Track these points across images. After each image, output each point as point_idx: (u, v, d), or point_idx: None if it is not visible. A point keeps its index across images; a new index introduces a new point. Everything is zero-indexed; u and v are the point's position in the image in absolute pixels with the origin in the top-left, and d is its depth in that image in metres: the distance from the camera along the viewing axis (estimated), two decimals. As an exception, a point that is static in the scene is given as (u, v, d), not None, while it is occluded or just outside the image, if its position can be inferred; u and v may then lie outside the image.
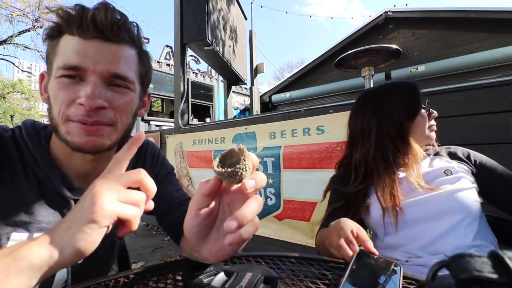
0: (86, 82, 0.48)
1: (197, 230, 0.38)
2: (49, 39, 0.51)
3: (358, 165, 0.83)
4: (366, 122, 0.83)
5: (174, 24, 3.15)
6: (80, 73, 0.47)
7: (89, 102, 0.46)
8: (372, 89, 0.87)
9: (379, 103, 0.82)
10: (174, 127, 3.08)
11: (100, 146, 0.50)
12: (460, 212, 0.69)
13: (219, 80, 9.31)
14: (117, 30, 0.49)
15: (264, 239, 2.10)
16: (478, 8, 5.59)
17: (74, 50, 0.47)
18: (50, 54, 0.50)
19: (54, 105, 0.49)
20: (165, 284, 0.44)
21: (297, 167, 1.93)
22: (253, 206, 0.32)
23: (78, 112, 0.47)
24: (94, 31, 0.47)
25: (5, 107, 14.79)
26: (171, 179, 0.73)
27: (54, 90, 0.48)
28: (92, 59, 0.47)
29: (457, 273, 0.19)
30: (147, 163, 0.70)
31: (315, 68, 7.82)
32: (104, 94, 0.48)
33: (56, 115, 0.48)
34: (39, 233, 0.52)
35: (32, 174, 0.52)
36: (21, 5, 11.35)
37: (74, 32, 0.47)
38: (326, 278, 0.43)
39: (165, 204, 0.68)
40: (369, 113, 0.83)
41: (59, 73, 0.47)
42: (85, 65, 0.47)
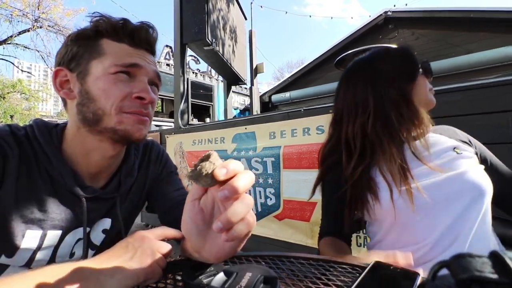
0: (138, 81, 0.56)
1: (194, 225, 0.38)
2: (85, 39, 0.56)
3: (352, 139, 0.71)
4: (359, 93, 0.72)
5: (174, 24, 3.15)
6: (135, 70, 0.56)
7: (147, 95, 0.56)
8: (361, 59, 0.78)
9: (373, 69, 0.72)
10: (174, 127, 3.08)
11: (144, 135, 0.59)
12: (473, 193, 0.61)
13: (219, 80, 9.32)
14: (155, 45, 0.62)
15: (264, 239, 2.10)
16: (478, 8, 5.59)
17: (127, 53, 0.56)
18: (84, 53, 0.55)
19: (102, 99, 0.54)
20: (165, 284, 0.44)
21: (297, 167, 1.93)
22: (238, 207, 0.32)
23: (134, 104, 0.55)
24: (146, 44, 0.59)
25: (5, 107, 14.79)
26: (174, 178, 0.75)
27: (107, 84, 0.54)
28: (144, 61, 0.57)
29: (457, 273, 0.19)
30: (151, 162, 0.73)
31: (315, 68, 7.83)
32: (151, 91, 0.58)
33: (108, 107, 0.53)
34: (52, 230, 0.54)
35: (45, 172, 0.54)
36: (21, 5, 11.35)
37: (124, 41, 0.56)
38: (326, 278, 0.43)
39: (167, 202, 0.69)
40: (362, 83, 0.72)
41: (114, 69, 0.54)
42: (141, 63, 0.56)
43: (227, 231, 0.31)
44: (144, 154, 0.72)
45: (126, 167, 0.65)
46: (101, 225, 0.63)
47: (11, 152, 0.51)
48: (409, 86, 0.69)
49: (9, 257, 0.51)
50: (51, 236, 0.54)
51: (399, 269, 0.41)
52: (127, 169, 0.66)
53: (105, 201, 0.62)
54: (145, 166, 0.71)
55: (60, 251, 0.56)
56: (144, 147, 0.73)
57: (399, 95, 0.68)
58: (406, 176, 0.61)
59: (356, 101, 0.72)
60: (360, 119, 0.70)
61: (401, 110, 0.67)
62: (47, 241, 0.54)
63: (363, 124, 0.70)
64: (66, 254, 0.57)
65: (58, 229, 0.55)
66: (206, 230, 0.39)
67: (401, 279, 0.39)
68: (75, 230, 0.58)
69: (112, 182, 0.63)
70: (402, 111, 0.67)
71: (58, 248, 0.56)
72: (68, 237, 0.57)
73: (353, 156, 0.70)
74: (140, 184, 0.70)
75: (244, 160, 2.23)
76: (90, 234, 0.61)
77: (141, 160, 0.71)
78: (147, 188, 0.71)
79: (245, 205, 0.33)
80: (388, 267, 0.42)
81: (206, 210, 0.38)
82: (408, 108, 0.67)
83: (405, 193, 0.61)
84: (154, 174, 0.73)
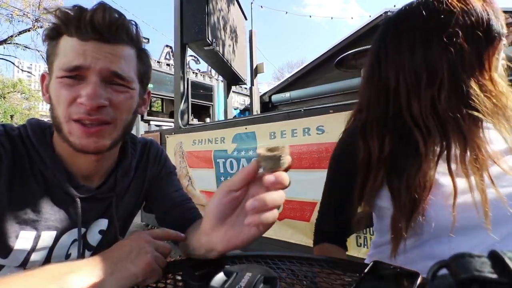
0: (87, 82, 0.49)
1: (221, 210, 0.40)
2: (48, 39, 0.52)
3: (419, 118, 0.52)
4: (422, 57, 0.52)
5: (174, 24, 3.15)
6: (81, 72, 0.48)
7: (90, 101, 0.47)
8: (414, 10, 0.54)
9: (439, 25, 0.51)
10: (174, 127, 3.08)
11: (102, 147, 0.52)
12: None
13: (219, 80, 9.32)
14: (115, 30, 0.50)
15: (264, 239, 2.10)
16: (478, 8, 5.59)
17: (74, 51, 0.48)
18: (50, 55, 0.52)
19: (56, 105, 0.50)
20: (165, 284, 0.44)
21: (297, 167, 1.93)
22: (274, 195, 0.35)
23: (79, 110, 0.48)
24: (93, 32, 0.48)
25: (5, 107, 14.79)
26: (173, 179, 0.74)
27: (55, 90, 0.50)
28: (92, 58, 0.48)
29: (457, 273, 0.19)
30: (150, 162, 0.71)
31: (315, 68, 7.82)
32: (104, 93, 0.49)
33: (60, 115, 0.50)
34: (46, 231, 0.53)
35: (39, 172, 0.53)
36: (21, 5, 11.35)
37: (72, 34, 0.48)
38: (326, 278, 0.43)
39: (165, 203, 0.69)
40: (424, 42, 0.52)
41: (60, 73, 0.49)
42: (85, 64, 0.48)
43: (256, 213, 0.35)
44: (142, 154, 0.71)
45: (123, 167, 0.64)
46: (98, 226, 0.62)
47: (4, 152, 0.49)
48: (491, 49, 0.51)
49: (3, 257, 0.51)
50: (45, 237, 0.53)
51: (399, 269, 0.41)
52: (124, 169, 0.64)
53: (100, 201, 0.61)
54: (143, 165, 0.70)
55: (56, 252, 0.56)
56: (142, 146, 0.72)
57: (479, 63, 0.50)
58: (482, 177, 0.46)
59: (418, 67, 0.52)
60: (428, 92, 0.51)
61: (481, 83, 0.50)
62: (41, 242, 0.53)
63: (433, 98, 0.51)
64: (62, 255, 0.57)
65: (52, 229, 0.54)
66: (228, 217, 0.41)
67: (401, 279, 0.39)
68: (71, 231, 0.57)
69: (108, 182, 0.62)
70: (481, 84, 0.50)
71: (54, 249, 0.55)
72: (63, 238, 0.56)
73: (425, 140, 0.51)
74: (138, 184, 0.68)
75: (244, 160, 2.23)
76: (86, 235, 0.60)
77: (138, 160, 0.69)
78: (145, 188, 0.70)
79: (280, 197, 0.36)
80: (388, 267, 0.42)
81: (237, 202, 0.41)
82: (489, 81, 0.50)
83: (479, 200, 0.45)
84: (153, 174, 0.71)
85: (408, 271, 0.40)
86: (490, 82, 0.50)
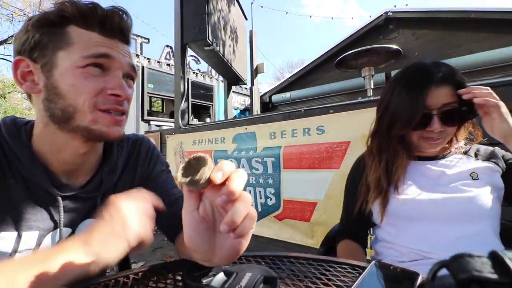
0: (113, 75, 0.52)
1: (199, 236, 0.37)
2: (49, 26, 0.49)
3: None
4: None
5: (174, 24, 3.16)
6: (107, 62, 0.51)
7: (122, 92, 0.51)
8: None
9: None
10: (174, 127, 3.08)
11: (122, 135, 0.56)
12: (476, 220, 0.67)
13: (219, 80, 9.32)
14: (130, 34, 0.56)
15: (264, 239, 2.10)
16: (478, 8, 5.59)
17: (100, 43, 0.50)
18: (49, 42, 0.49)
19: (72, 95, 0.49)
20: (165, 284, 0.44)
21: (297, 167, 1.93)
22: (238, 207, 0.32)
23: (108, 101, 0.51)
24: (118, 32, 0.53)
25: (6, 107, 14.80)
26: (166, 176, 0.72)
27: (77, 79, 0.49)
28: (117, 52, 0.52)
29: (457, 273, 0.19)
30: (140, 159, 0.69)
31: (315, 68, 7.82)
32: (126, 86, 0.54)
33: (79, 104, 0.49)
34: (27, 232, 0.51)
35: (18, 172, 0.52)
36: (21, 5, 11.37)
37: (94, 29, 0.51)
38: (326, 278, 0.43)
39: (160, 200, 0.67)
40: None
41: (83, 62, 0.49)
42: (113, 55, 0.51)
43: (234, 230, 0.32)
44: (132, 151, 0.68)
45: (108, 165, 0.62)
46: (86, 226, 0.59)
47: None
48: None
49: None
50: (27, 238, 0.51)
51: (399, 269, 0.41)
52: (109, 167, 0.62)
53: (85, 200, 0.58)
54: (132, 163, 0.67)
55: None
56: (132, 144, 0.69)
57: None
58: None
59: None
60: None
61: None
62: (23, 243, 0.51)
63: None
64: None
65: (34, 230, 0.52)
66: (212, 238, 0.38)
67: (401, 279, 0.39)
68: (55, 231, 0.55)
69: (93, 181, 0.59)
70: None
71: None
72: (47, 239, 0.54)
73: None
74: (126, 182, 0.66)
75: (245, 160, 2.23)
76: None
77: (127, 157, 0.67)
78: (136, 187, 0.67)
79: (245, 203, 0.33)
80: (388, 267, 0.42)
81: (207, 217, 0.37)
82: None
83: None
84: (144, 172, 0.69)
85: (408, 271, 0.40)
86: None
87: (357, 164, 0.86)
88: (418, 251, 0.69)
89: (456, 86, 0.70)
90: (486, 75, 4.74)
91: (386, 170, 0.75)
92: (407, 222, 0.72)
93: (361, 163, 0.83)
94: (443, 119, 0.69)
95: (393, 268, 0.42)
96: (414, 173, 0.75)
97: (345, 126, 1.74)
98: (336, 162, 1.75)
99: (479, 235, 0.67)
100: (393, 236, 0.74)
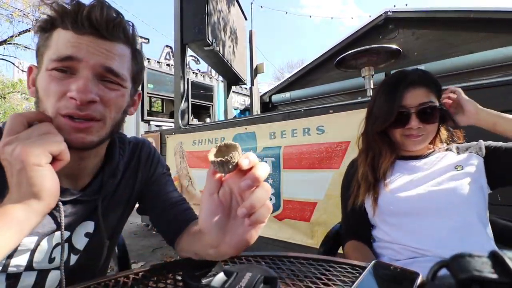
0: (78, 76, 0.47)
1: (214, 219, 0.39)
2: (41, 31, 0.50)
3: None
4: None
5: (174, 24, 3.15)
6: (73, 64, 0.47)
7: (80, 95, 0.45)
8: None
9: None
10: (174, 127, 3.08)
11: (89, 143, 0.50)
12: (460, 210, 0.70)
13: (219, 80, 9.32)
14: (112, 28, 0.49)
15: (264, 239, 2.09)
16: (478, 8, 5.58)
17: (68, 42, 0.47)
18: (41, 46, 0.50)
19: (44, 99, 0.48)
20: (165, 284, 0.44)
21: (297, 167, 1.93)
22: (260, 193, 0.35)
23: (69, 105, 0.46)
24: (89, 27, 0.47)
25: (5, 107, 14.79)
26: (166, 179, 0.72)
27: (44, 83, 0.47)
28: (86, 52, 0.47)
29: (457, 273, 0.19)
30: (141, 163, 0.69)
31: (315, 68, 7.82)
32: (95, 88, 0.48)
33: (47, 109, 0.47)
34: (29, 237, 0.51)
35: None
36: (21, 5, 11.36)
37: (68, 27, 0.47)
38: (326, 278, 0.43)
39: (159, 205, 0.67)
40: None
41: (51, 65, 0.47)
42: (79, 56, 0.46)
43: (250, 216, 0.34)
44: (133, 154, 0.68)
45: (109, 168, 0.61)
46: (84, 229, 0.59)
47: None
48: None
49: None
50: (25, 241, 0.50)
51: (399, 269, 0.41)
52: (110, 170, 0.61)
53: (85, 203, 0.58)
54: (133, 167, 0.67)
55: (37, 256, 0.53)
56: (133, 147, 0.69)
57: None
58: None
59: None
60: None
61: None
62: (21, 246, 0.50)
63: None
64: (44, 259, 0.54)
65: (33, 235, 0.51)
66: (225, 223, 0.40)
67: (401, 279, 0.39)
68: (52, 235, 0.54)
69: (93, 184, 0.59)
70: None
71: (35, 253, 0.52)
72: (44, 242, 0.53)
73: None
74: (127, 185, 0.66)
75: (244, 160, 2.22)
76: (72, 238, 0.57)
77: (128, 161, 0.67)
78: (136, 190, 0.68)
79: (266, 191, 0.36)
80: (388, 267, 0.42)
81: (225, 202, 0.40)
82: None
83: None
84: (145, 176, 0.69)
85: (408, 271, 0.40)
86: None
87: (350, 165, 0.92)
88: (413, 248, 0.71)
89: (431, 87, 0.78)
90: (486, 75, 4.74)
91: (372, 165, 0.82)
92: (398, 218, 0.75)
93: (354, 164, 0.89)
94: (420, 117, 0.76)
95: (393, 268, 0.42)
96: (402, 171, 0.80)
97: (345, 126, 1.73)
98: (336, 162, 1.75)
99: (467, 226, 0.69)
100: (388, 235, 0.77)
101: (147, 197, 0.70)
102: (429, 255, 0.68)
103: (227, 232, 0.40)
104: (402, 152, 0.84)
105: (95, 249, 0.61)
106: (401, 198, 0.74)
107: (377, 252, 0.80)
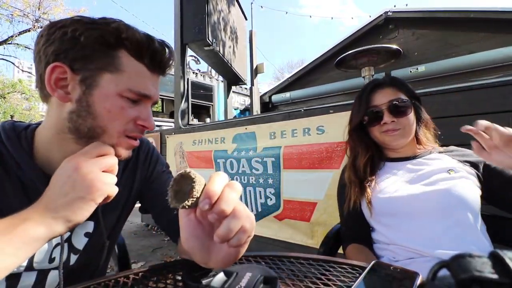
0: (145, 106, 0.54)
1: (196, 239, 0.38)
2: (102, 44, 0.48)
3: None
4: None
5: (174, 24, 3.16)
6: (145, 99, 0.54)
7: (150, 124, 0.55)
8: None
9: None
10: (174, 127, 3.08)
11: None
12: (456, 210, 0.70)
13: (219, 80, 9.31)
14: (168, 69, 0.58)
15: (264, 239, 2.10)
16: (477, 8, 5.58)
17: (146, 79, 0.53)
18: (97, 59, 0.48)
19: (105, 117, 0.50)
20: (165, 284, 0.44)
21: (297, 167, 1.93)
22: (230, 223, 0.33)
23: (137, 130, 0.54)
24: (159, 68, 0.55)
25: (5, 107, 14.79)
26: (166, 177, 0.72)
27: (113, 107, 0.50)
28: (155, 91, 0.55)
29: (457, 273, 0.19)
30: (140, 161, 0.69)
31: (315, 68, 7.81)
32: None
33: (109, 128, 0.51)
34: None
35: (16, 178, 0.51)
36: (21, 5, 11.37)
37: (143, 60, 0.52)
38: (326, 278, 0.43)
39: (161, 202, 0.67)
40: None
41: (127, 94, 0.50)
42: (152, 94, 0.54)
43: (228, 241, 0.33)
44: (131, 153, 0.69)
45: None
46: (83, 228, 0.59)
47: None
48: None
49: None
50: None
51: (399, 269, 0.41)
52: None
53: None
54: (132, 165, 0.68)
55: (37, 257, 0.53)
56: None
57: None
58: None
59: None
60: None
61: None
62: None
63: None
64: (44, 259, 0.54)
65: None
66: (209, 241, 0.38)
67: (401, 279, 0.39)
68: None
69: None
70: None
71: (35, 254, 0.52)
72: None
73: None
74: (126, 184, 0.66)
75: (244, 160, 2.23)
76: (71, 238, 0.58)
77: (126, 160, 0.66)
78: (136, 189, 0.68)
79: (237, 219, 0.34)
80: (388, 267, 0.42)
81: (204, 221, 0.38)
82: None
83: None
84: (144, 174, 0.70)
85: (408, 271, 0.40)
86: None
87: (342, 171, 0.95)
88: (410, 248, 0.71)
89: (399, 87, 0.85)
90: (486, 75, 4.74)
91: (354, 166, 0.87)
92: (392, 219, 0.76)
93: (345, 169, 0.93)
94: (392, 111, 0.82)
95: (393, 268, 0.42)
96: (392, 172, 0.82)
97: (345, 126, 1.73)
98: (336, 162, 1.75)
99: (462, 225, 0.69)
100: (385, 236, 0.77)
101: (147, 196, 0.70)
102: (427, 255, 0.68)
103: (211, 251, 0.38)
104: (390, 153, 0.88)
105: (94, 249, 0.61)
106: (392, 199, 0.75)
107: (377, 253, 0.81)
